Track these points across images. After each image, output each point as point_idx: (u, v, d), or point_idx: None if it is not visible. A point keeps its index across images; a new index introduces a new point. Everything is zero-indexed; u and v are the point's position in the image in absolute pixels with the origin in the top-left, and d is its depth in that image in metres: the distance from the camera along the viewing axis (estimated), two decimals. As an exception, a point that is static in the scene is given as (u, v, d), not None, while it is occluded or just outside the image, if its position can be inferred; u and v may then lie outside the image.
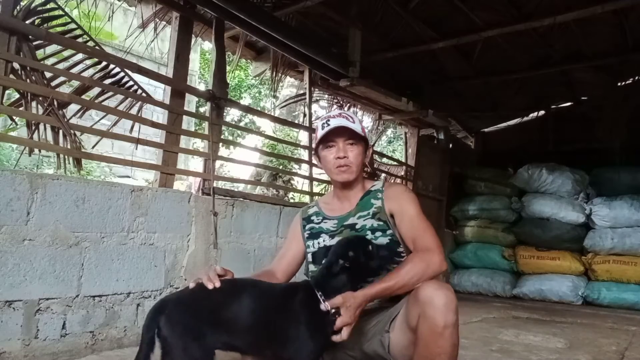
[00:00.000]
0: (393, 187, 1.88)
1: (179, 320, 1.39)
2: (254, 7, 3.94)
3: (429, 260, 1.60)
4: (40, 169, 7.33)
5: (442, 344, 1.44)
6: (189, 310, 1.42)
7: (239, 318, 1.44)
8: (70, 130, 2.68)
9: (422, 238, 1.68)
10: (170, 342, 1.36)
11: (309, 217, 1.92)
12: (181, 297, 1.49)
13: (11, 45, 2.48)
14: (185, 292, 1.52)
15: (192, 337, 1.37)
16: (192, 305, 1.44)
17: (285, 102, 6.90)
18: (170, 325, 1.37)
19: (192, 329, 1.38)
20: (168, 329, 1.37)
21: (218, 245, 3.33)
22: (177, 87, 3.44)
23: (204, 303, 1.45)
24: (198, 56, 12.10)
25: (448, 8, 4.57)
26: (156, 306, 1.44)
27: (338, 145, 1.77)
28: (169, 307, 1.42)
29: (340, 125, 1.74)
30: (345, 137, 1.77)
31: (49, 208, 2.39)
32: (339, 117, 1.78)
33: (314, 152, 1.92)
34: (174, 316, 1.39)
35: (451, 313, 1.44)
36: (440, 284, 1.52)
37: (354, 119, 1.80)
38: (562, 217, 5.91)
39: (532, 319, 4.44)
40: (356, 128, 1.76)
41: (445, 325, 1.43)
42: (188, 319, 1.39)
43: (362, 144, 1.81)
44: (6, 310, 2.22)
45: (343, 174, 1.79)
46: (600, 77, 6.10)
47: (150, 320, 1.41)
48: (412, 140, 6.44)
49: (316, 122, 6.20)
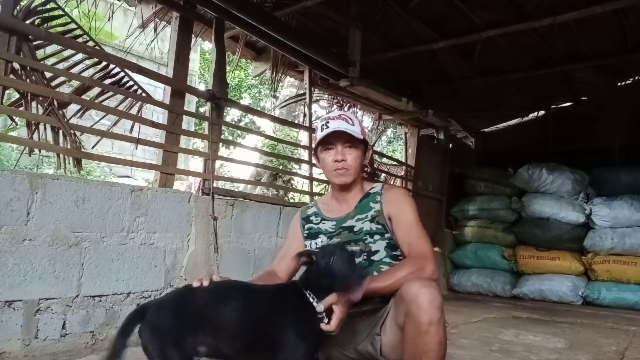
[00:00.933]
0: (392, 191, 1.88)
1: (159, 325, 1.34)
2: (254, 7, 3.94)
3: (423, 266, 1.61)
4: (40, 169, 7.33)
5: (428, 341, 1.44)
6: (171, 314, 1.37)
7: (225, 323, 1.38)
8: (70, 130, 2.68)
9: (417, 245, 1.70)
10: (150, 349, 1.32)
11: (308, 217, 1.92)
12: (164, 302, 1.45)
13: (11, 45, 2.48)
14: (169, 296, 1.48)
15: (172, 343, 1.32)
16: (175, 309, 1.39)
17: (285, 102, 6.90)
18: (150, 331, 1.33)
19: (172, 334, 1.33)
20: (147, 335, 1.33)
21: (217, 245, 3.33)
22: (177, 87, 3.44)
23: (188, 307, 1.39)
24: (198, 56, 12.10)
25: (448, 8, 4.57)
26: (135, 311, 1.40)
27: (336, 148, 1.77)
28: (150, 312, 1.37)
29: (339, 128, 1.74)
30: (344, 140, 1.77)
31: (49, 208, 2.40)
32: (339, 119, 1.77)
33: (314, 152, 1.92)
34: (154, 321, 1.35)
35: (435, 310, 1.44)
36: (425, 282, 1.51)
37: (353, 120, 1.79)
38: (562, 217, 5.91)
39: (532, 319, 4.44)
40: (355, 131, 1.76)
41: (430, 322, 1.43)
42: (169, 324, 1.35)
43: (361, 147, 1.81)
44: (6, 310, 2.22)
45: (341, 177, 1.79)
46: (600, 77, 6.10)
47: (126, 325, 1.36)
48: (412, 140, 6.44)
49: (316, 122, 6.22)
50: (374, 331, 1.68)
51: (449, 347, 1.70)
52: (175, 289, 1.57)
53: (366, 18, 4.62)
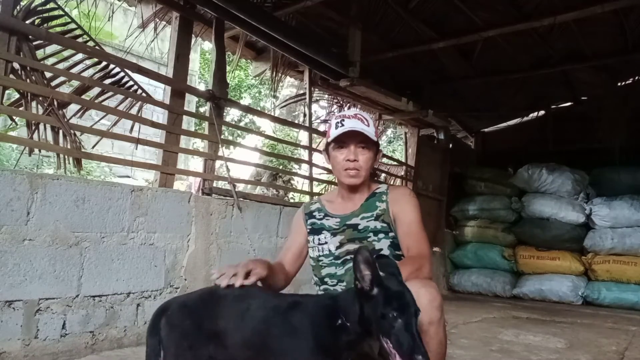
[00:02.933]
0: (399, 190, 1.88)
1: (177, 324, 1.33)
2: (254, 7, 3.94)
3: (421, 266, 1.62)
4: (40, 169, 7.33)
5: (428, 341, 1.43)
6: (192, 315, 1.34)
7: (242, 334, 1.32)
8: (70, 130, 2.68)
9: (418, 246, 1.70)
10: (166, 346, 1.31)
11: (311, 213, 1.91)
12: (186, 301, 1.42)
13: (11, 45, 2.48)
14: (192, 295, 1.45)
15: (187, 345, 1.30)
16: (195, 311, 1.35)
17: (285, 102, 6.91)
18: (168, 328, 1.33)
19: (189, 335, 1.31)
20: (166, 331, 1.32)
21: (217, 245, 3.33)
22: (177, 87, 3.44)
23: (210, 312, 1.35)
24: (198, 56, 12.10)
25: (448, 8, 4.58)
26: (160, 307, 1.40)
27: (350, 147, 1.75)
28: (172, 309, 1.37)
29: (354, 128, 1.72)
30: (358, 140, 1.75)
31: (49, 208, 2.39)
32: (354, 119, 1.75)
33: (324, 149, 1.91)
34: (174, 319, 1.34)
35: (435, 310, 1.44)
36: (425, 281, 1.51)
37: (369, 122, 1.77)
38: (562, 217, 5.91)
39: (532, 319, 4.44)
40: (370, 132, 1.74)
41: (430, 322, 1.43)
42: (187, 325, 1.32)
43: (374, 149, 1.80)
44: (6, 310, 2.22)
45: (352, 178, 1.78)
46: (600, 77, 6.10)
47: (153, 323, 1.36)
48: (412, 140, 6.44)
49: (318, 121, 6.21)
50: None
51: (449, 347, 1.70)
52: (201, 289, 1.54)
53: (366, 18, 4.62)
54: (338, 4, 4.31)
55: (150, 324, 1.38)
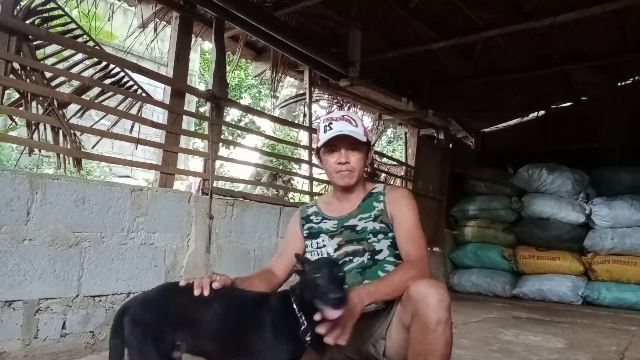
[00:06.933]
0: (396, 191, 1.89)
1: (139, 320, 1.36)
2: (254, 7, 3.94)
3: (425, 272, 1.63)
4: (40, 169, 7.33)
5: (434, 340, 1.43)
6: (154, 310, 1.38)
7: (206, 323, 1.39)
8: (70, 130, 2.68)
9: (416, 249, 1.71)
10: (129, 343, 1.33)
11: (308, 217, 1.91)
12: (147, 297, 1.45)
13: (11, 45, 2.48)
14: (152, 292, 1.48)
15: (151, 338, 1.34)
16: (157, 305, 1.40)
17: (285, 102, 6.90)
18: (131, 325, 1.35)
19: (152, 328, 1.35)
20: (128, 329, 1.35)
21: (217, 245, 3.33)
22: (177, 87, 3.44)
23: (171, 305, 1.40)
24: (198, 56, 12.10)
25: (448, 8, 4.58)
26: (121, 307, 1.41)
27: (340, 151, 1.76)
28: (133, 306, 1.39)
29: (342, 132, 1.73)
30: (348, 142, 1.76)
31: (49, 208, 2.40)
32: (342, 121, 1.76)
33: (315, 152, 1.92)
34: (136, 316, 1.36)
35: (444, 310, 1.44)
36: (433, 282, 1.51)
37: (356, 121, 1.78)
38: (562, 217, 5.91)
39: (532, 319, 4.44)
40: (358, 133, 1.75)
41: (438, 322, 1.43)
42: (150, 319, 1.36)
43: (364, 148, 1.80)
44: (6, 310, 2.22)
45: (345, 179, 1.79)
46: (600, 77, 6.10)
47: (115, 324, 1.37)
48: (412, 140, 6.44)
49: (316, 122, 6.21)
50: (378, 334, 1.68)
51: (449, 347, 1.70)
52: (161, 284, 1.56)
53: (366, 18, 4.62)
54: (338, 4, 4.31)
55: (112, 325, 1.39)
